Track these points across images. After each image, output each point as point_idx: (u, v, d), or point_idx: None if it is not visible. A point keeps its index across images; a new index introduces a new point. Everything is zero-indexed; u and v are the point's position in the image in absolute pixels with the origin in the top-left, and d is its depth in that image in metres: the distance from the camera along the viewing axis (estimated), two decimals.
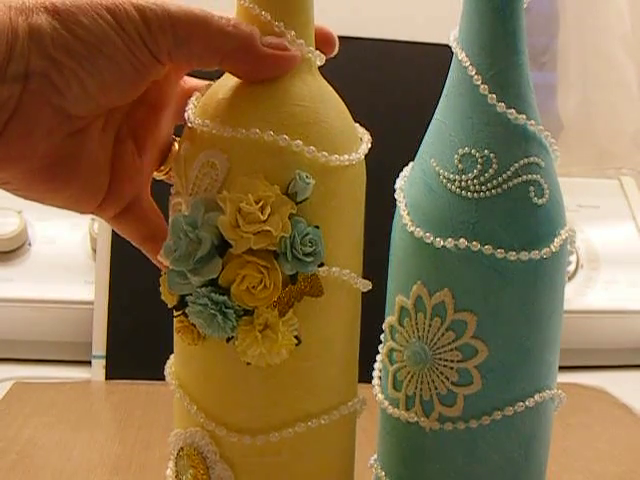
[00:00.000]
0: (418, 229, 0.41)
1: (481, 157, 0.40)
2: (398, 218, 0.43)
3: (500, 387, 0.41)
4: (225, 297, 0.38)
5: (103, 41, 0.35)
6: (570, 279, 0.92)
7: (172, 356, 0.44)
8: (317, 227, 0.38)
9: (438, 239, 0.40)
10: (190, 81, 0.44)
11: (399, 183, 0.44)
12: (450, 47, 0.42)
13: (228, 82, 0.40)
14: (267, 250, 0.38)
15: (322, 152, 0.38)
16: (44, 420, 0.70)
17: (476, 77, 0.40)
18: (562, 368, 0.45)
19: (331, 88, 0.41)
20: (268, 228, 0.37)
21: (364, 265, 0.43)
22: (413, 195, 0.43)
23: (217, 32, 0.37)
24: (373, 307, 0.45)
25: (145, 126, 0.42)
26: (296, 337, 0.39)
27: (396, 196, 0.44)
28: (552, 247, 0.40)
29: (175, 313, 0.41)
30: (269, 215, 0.37)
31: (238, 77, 0.39)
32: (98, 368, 0.81)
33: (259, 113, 0.38)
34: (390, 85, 0.90)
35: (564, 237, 0.41)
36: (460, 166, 0.40)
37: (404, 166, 0.45)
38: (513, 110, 0.40)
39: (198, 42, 0.37)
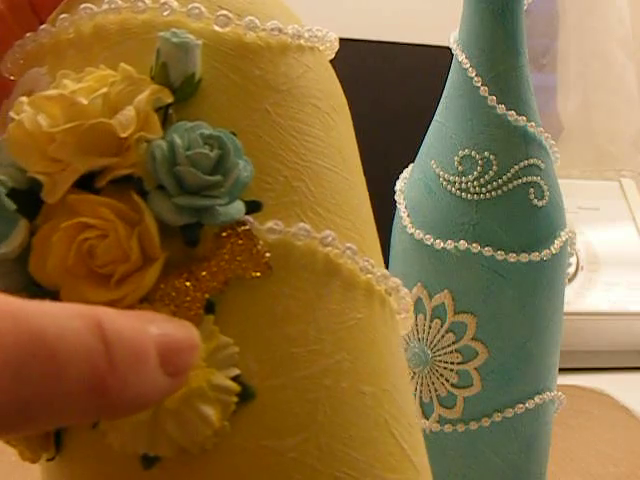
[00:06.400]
0: (418, 231, 0.41)
1: (481, 159, 0.40)
2: (398, 220, 0.43)
3: (500, 389, 0.41)
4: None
5: None
6: (570, 281, 0.92)
7: None
8: (233, 134, 0.21)
9: (438, 241, 0.40)
10: None
11: (399, 185, 0.44)
12: (450, 49, 0.42)
13: None
14: (121, 182, 0.20)
15: (220, 12, 0.22)
16: None
17: (476, 79, 0.40)
18: (562, 370, 0.45)
19: None
20: (108, 122, 0.19)
21: None
22: (413, 197, 0.43)
23: None
24: None
25: None
26: (238, 381, 0.20)
27: (396, 198, 0.44)
28: (552, 249, 0.40)
29: None
30: (110, 108, 0.20)
31: None
32: None
33: None
34: (390, 87, 0.90)
35: (564, 239, 0.41)
36: (460, 168, 0.40)
37: (404, 168, 0.45)
38: (513, 112, 0.40)
39: None
